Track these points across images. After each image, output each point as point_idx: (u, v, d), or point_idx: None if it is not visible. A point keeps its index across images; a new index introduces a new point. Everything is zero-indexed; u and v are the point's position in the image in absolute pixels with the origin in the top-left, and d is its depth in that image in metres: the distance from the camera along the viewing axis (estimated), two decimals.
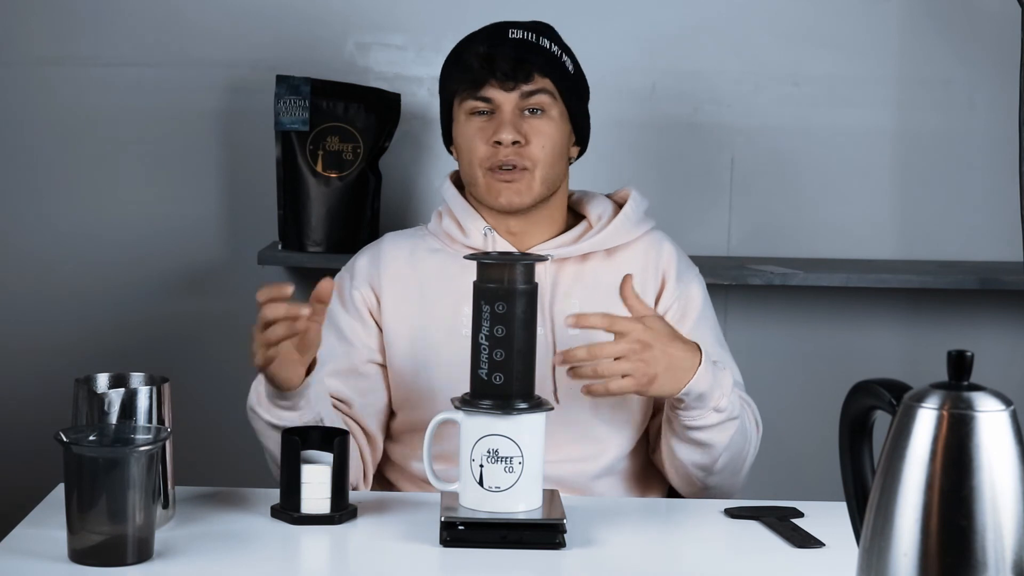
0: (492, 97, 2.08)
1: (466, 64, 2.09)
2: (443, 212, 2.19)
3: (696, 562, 1.75)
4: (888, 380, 1.40)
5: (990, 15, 2.94)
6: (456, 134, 2.14)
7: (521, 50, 2.08)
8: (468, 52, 2.10)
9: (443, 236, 2.17)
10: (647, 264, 2.16)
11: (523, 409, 1.74)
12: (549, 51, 2.11)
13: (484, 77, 2.07)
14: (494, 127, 2.08)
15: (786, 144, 2.99)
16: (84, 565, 1.61)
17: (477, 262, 1.79)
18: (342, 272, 2.20)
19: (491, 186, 2.09)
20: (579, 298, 2.12)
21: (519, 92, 2.08)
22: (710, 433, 1.99)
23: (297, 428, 1.87)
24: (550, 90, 2.10)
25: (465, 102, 2.10)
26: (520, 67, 2.07)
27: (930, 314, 3.02)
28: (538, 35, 2.12)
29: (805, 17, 2.97)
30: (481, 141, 2.09)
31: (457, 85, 2.11)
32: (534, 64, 2.08)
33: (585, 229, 2.17)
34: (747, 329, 3.01)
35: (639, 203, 2.18)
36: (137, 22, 2.94)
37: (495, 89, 2.08)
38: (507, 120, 2.07)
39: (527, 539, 1.73)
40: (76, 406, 1.75)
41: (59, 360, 2.93)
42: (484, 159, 2.09)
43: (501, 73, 2.07)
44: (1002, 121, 2.91)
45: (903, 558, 1.29)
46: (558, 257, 2.12)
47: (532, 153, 2.08)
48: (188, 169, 2.97)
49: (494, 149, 2.08)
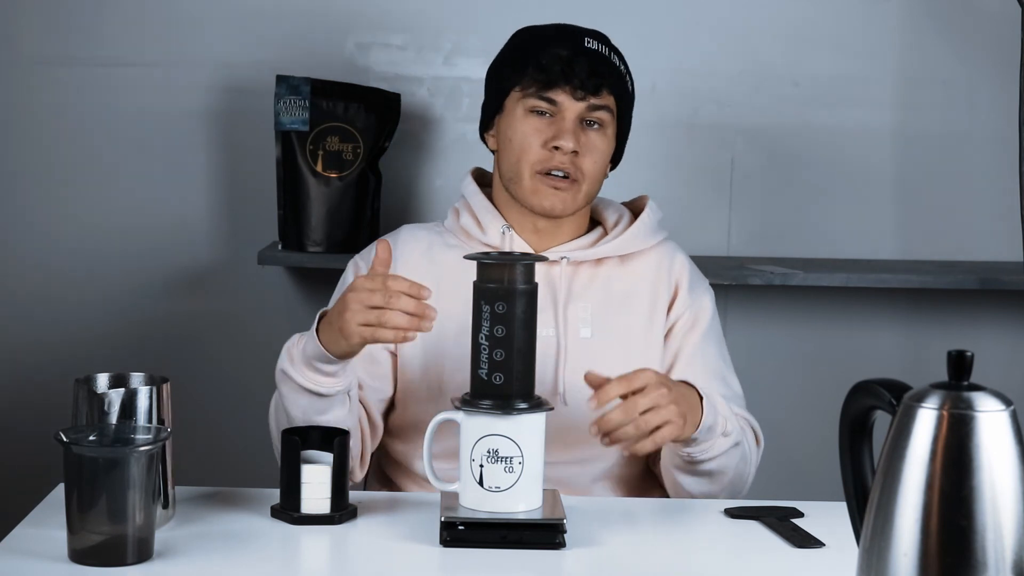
0: (560, 101, 2.08)
1: (541, 63, 2.08)
2: (461, 208, 2.18)
3: (696, 562, 1.75)
4: (888, 380, 1.40)
5: (990, 15, 2.94)
6: (506, 127, 2.12)
7: (597, 63, 2.09)
8: (545, 52, 2.09)
9: (460, 233, 2.16)
10: (659, 273, 2.16)
11: (523, 409, 1.74)
12: (619, 70, 2.13)
13: (558, 81, 2.07)
14: (554, 131, 2.08)
15: (786, 144, 2.99)
16: (84, 565, 1.61)
17: (477, 262, 1.79)
18: (356, 259, 2.18)
19: (538, 189, 2.09)
20: (592, 302, 2.12)
21: (587, 104, 2.08)
22: (720, 461, 1.99)
23: (297, 428, 1.88)
24: (612, 108, 2.11)
25: (528, 99, 2.09)
26: (595, 80, 2.08)
27: (930, 314, 3.02)
28: (610, 50, 2.13)
29: (805, 17, 2.97)
30: (537, 142, 2.08)
31: (524, 80, 2.10)
32: (606, 80, 2.09)
33: (601, 234, 2.18)
34: (747, 329, 3.01)
35: (655, 212, 2.19)
36: (137, 22, 2.94)
37: (566, 95, 2.08)
38: (570, 128, 2.07)
39: (527, 539, 1.73)
40: (76, 406, 1.75)
41: (59, 360, 2.92)
42: (537, 161, 2.08)
43: (578, 80, 2.07)
44: (1002, 121, 2.91)
45: (903, 558, 1.29)
46: (573, 260, 2.13)
47: (584, 166, 2.09)
48: (188, 169, 2.97)
49: (549, 153, 2.08)
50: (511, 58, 2.15)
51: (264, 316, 2.98)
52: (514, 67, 2.12)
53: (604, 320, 2.12)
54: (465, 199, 2.18)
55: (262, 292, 2.98)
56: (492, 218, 2.14)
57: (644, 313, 2.14)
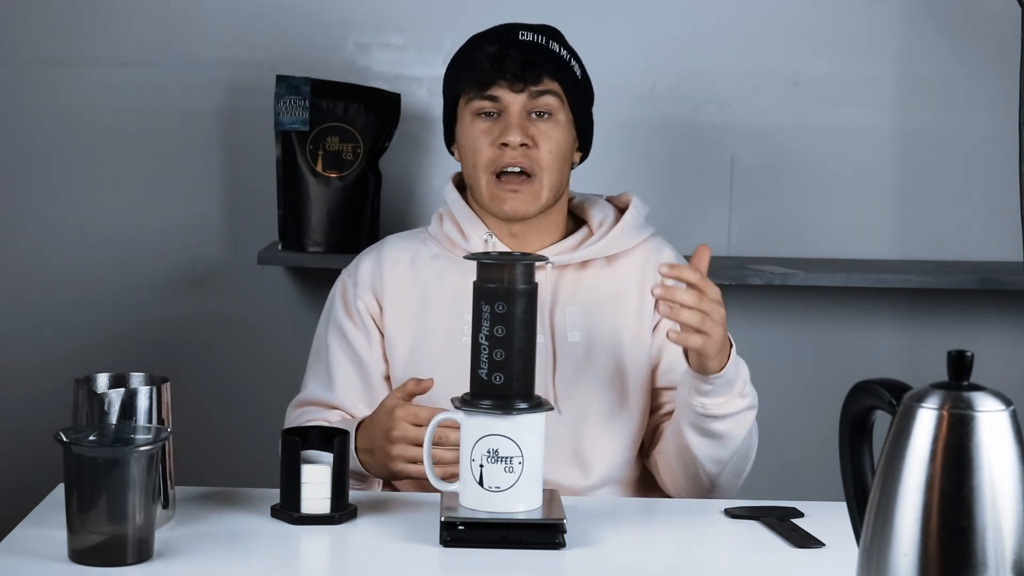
0: (500, 97, 2.07)
1: (475, 63, 2.08)
2: (444, 215, 2.18)
3: (696, 562, 1.75)
4: (888, 380, 1.40)
5: (990, 15, 2.94)
6: (460, 135, 2.12)
7: (531, 52, 2.07)
8: (477, 52, 2.09)
9: (444, 240, 2.16)
10: (646, 271, 2.14)
11: (523, 409, 1.74)
12: (558, 55, 2.10)
13: (493, 77, 2.06)
14: (501, 128, 2.07)
15: (786, 144, 2.99)
16: (84, 565, 1.61)
17: (477, 262, 1.79)
18: (343, 277, 2.18)
19: (495, 194, 2.08)
20: (579, 305, 2.11)
21: (528, 93, 2.07)
22: (731, 423, 1.97)
23: (297, 428, 1.88)
24: (558, 93, 2.09)
25: (472, 102, 2.09)
26: (530, 68, 2.06)
27: (930, 314, 3.02)
28: (547, 38, 2.11)
29: (805, 17, 2.97)
30: (486, 143, 2.07)
31: (464, 84, 2.09)
32: (543, 66, 2.07)
33: (585, 236, 2.16)
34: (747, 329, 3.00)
35: (640, 210, 2.17)
36: (137, 22, 2.94)
37: (503, 89, 2.06)
38: (515, 122, 2.06)
39: (527, 539, 1.73)
40: (76, 406, 1.75)
41: (59, 360, 2.92)
42: (489, 162, 2.07)
43: (511, 74, 2.05)
44: (1002, 121, 2.91)
45: (903, 558, 1.29)
46: (558, 264, 2.11)
47: (539, 158, 2.07)
48: (188, 169, 2.97)
49: (500, 151, 2.06)
50: (452, 66, 2.15)
51: (264, 316, 2.98)
52: (455, 74, 2.12)
53: (592, 323, 2.10)
54: (447, 205, 2.17)
55: (262, 292, 2.98)
56: (474, 225, 2.13)
57: (632, 314, 2.12)
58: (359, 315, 2.12)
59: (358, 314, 2.12)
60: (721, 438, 1.99)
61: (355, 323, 2.12)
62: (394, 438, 1.89)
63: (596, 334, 2.10)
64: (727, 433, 1.98)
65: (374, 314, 2.13)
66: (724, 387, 1.93)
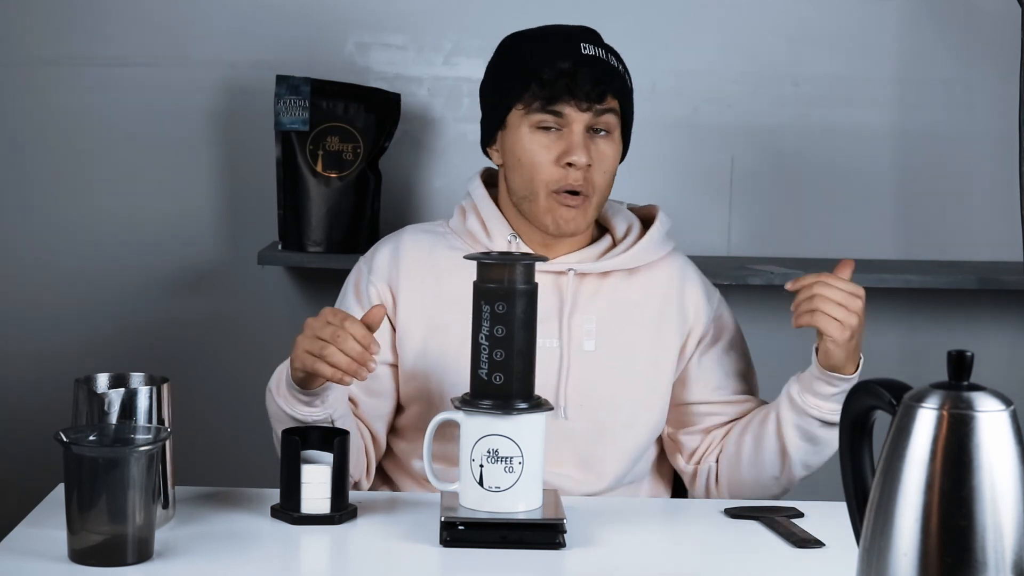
0: (566, 114, 2.03)
1: (542, 78, 2.03)
2: (467, 209, 2.15)
3: (696, 562, 1.75)
4: (888, 380, 1.40)
5: (990, 15, 2.95)
6: (513, 144, 2.07)
7: (599, 71, 2.04)
8: (545, 66, 2.03)
9: (465, 235, 2.13)
10: (670, 288, 2.14)
11: (523, 409, 1.74)
12: (619, 71, 2.08)
13: (562, 95, 2.02)
14: (565, 146, 2.03)
15: (786, 144, 2.99)
16: (84, 565, 1.61)
17: (477, 262, 1.79)
18: (360, 264, 2.16)
19: (555, 210, 2.05)
20: (597, 314, 2.10)
21: (592, 112, 2.04)
22: (834, 432, 1.96)
23: (297, 428, 1.88)
24: (616, 111, 2.07)
25: (532, 114, 2.04)
26: (598, 88, 2.03)
27: (930, 314, 3.02)
28: (608, 53, 2.09)
29: (805, 17, 2.97)
30: (549, 159, 2.04)
31: (526, 95, 2.05)
32: (611, 86, 2.05)
33: (609, 245, 2.14)
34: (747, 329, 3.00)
35: (664, 224, 2.16)
36: (137, 22, 2.94)
37: (571, 108, 2.03)
38: (580, 142, 2.03)
39: (527, 539, 1.73)
40: (76, 406, 1.75)
41: (59, 360, 2.93)
42: (552, 180, 2.04)
43: (583, 93, 2.02)
44: (1002, 121, 2.91)
45: (903, 558, 1.29)
46: (579, 272, 2.11)
47: (595, 179, 2.05)
48: (188, 169, 2.97)
49: (563, 171, 2.03)
50: (509, 73, 2.09)
51: (264, 316, 2.98)
52: (514, 83, 2.07)
53: (609, 333, 2.09)
54: (473, 201, 2.15)
55: (262, 292, 2.98)
56: (500, 225, 2.11)
57: (650, 327, 2.11)
58: (369, 301, 2.10)
59: (368, 300, 2.10)
60: (821, 444, 2.01)
61: (363, 307, 2.10)
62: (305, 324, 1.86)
63: (611, 343, 2.08)
64: (830, 441, 2.00)
65: (386, 304, 2.10)
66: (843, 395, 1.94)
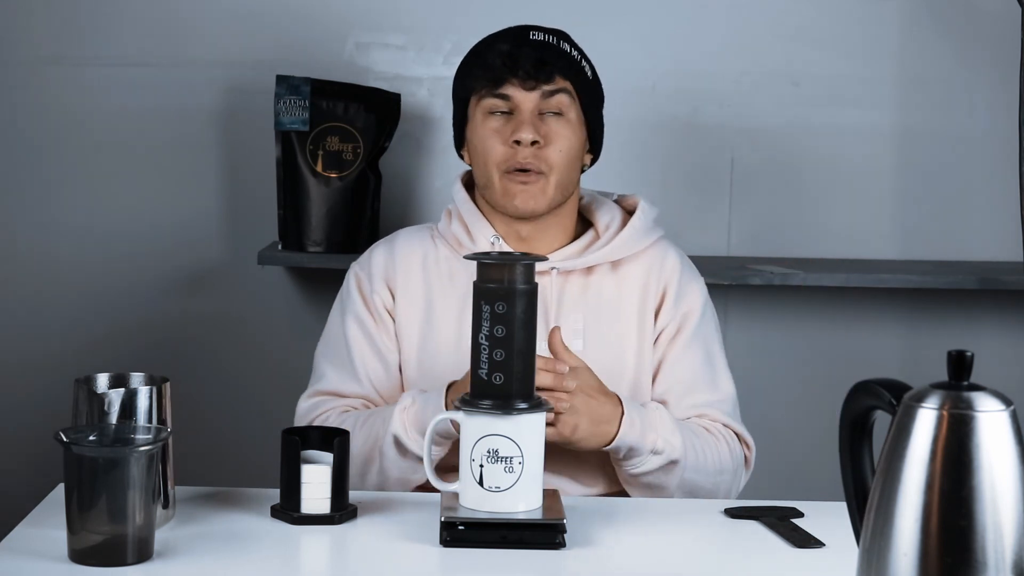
0: (512, 95, 2.07)
1: (487, 62, 2.08)
2: (452, 213, 2.17)
3: (696, 562, 1.75)
4: (888, 380, 1.40)
5: (990, 15, 2.95)
6: (471, 134, 2.12)
7: (543, 51, 2.08)
8: (490, 51, 2.09)
9: (451, 240, 2.15)
10: (649, 277, 2.14)
11: (523, 409, 1.74)
12: (570, 54, 2.11)
13: (505, 75, 2.06)
14: (513, 127, 2.06)
15: (786, 144, 2.99)
16: (84, 565, 1.61)
17: (477, 262, 1.79)
18: (356, 270, 2.17)
19: (507, 188, 2.07)
20: (583, 313, 2.11)
21: (539, 92, 2.06)
22: (655, 476, 2.01)
23: (297, 428, 1.88)
24: (570, 92, 2.09)
25: (483, 100, 2.09)
26: (542, 67, 2.06)
27: (930, 314, 3.02)
28: (559, 39, 2.11)
29: (805, 17, 2.97)
30: (498, 141, 2.07)
31: (476, 83, 2.09)
32: (555, 65, 2.07)
33: (592, 240, 2.15)
34: (747, 329, 3.01)
35: (647, 213, 2.16)
36: (137, 22, 2.94)
37: (515, 88, 2.06)
38: (527, 120, 2.06)
39: (527, 539, 1.73)
40: (76, 406, 1.75)
41: (59, 360, 2.93)
42: (501, 160, 2.07)
43: (523, 72, 2.05)
44: (1002, 121, 2.92)
45: (903, 558, 1.29)
46: (563, 270, 2.11)
47: (549, 156, 2.07)
48: (188, 169, 2.97)
49: (512, 150, 2.06)
50: (463, 67, 2.14)
51: (264, 316, 2.98)
52: (467, 73, 2.12)
53: (596, 330, 2.10)
54: (456, 204, 2.17)
55: (262, 292, 2.98)
56: (481, 226, 2.13)
57: (635, 318, 2.12)
58: (377, 310, 2.13)
59: (376, 308, 2.13)
60: (651, 487, 2.03)
61: (375, 317, 2.13)
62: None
63: (599, 341, 2.09)
64: (656, 483, 2.02)
65: (388, 307, 2.13)
66: (630, 453, 1.98)
